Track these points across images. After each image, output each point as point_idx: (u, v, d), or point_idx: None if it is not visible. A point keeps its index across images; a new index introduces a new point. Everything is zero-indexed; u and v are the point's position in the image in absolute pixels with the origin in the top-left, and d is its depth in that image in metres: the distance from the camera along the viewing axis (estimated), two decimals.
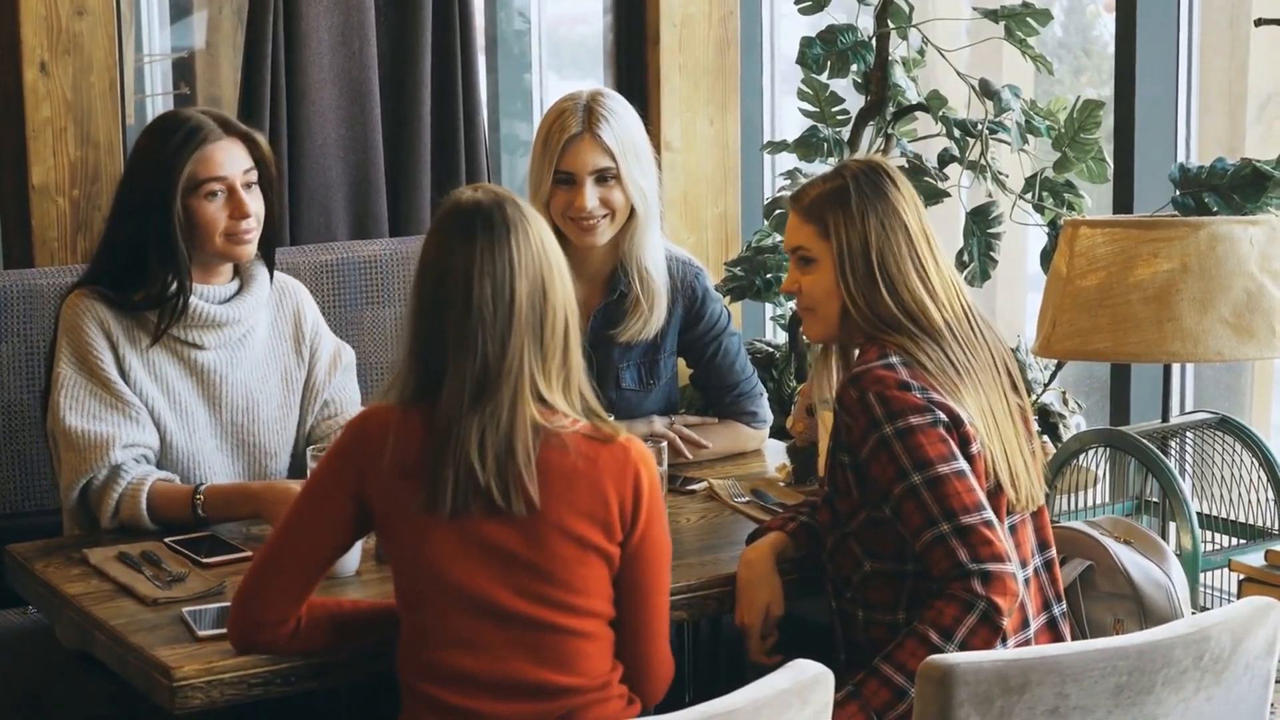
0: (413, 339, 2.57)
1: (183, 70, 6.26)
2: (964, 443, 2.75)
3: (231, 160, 3.20)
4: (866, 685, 2.67)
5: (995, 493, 2.79)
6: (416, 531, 2.53)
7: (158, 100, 6.42)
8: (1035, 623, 2.84)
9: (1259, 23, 3.76)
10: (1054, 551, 2.93)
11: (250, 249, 3.25)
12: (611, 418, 3.13)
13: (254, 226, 3.23)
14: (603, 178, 3.45)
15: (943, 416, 2.74)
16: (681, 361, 3.75)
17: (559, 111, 3.48)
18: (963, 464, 2.73)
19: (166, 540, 3.06)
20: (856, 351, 2.93)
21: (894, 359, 2.78)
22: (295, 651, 2.61)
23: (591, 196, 3.44)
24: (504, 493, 2.50)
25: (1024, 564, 2.84)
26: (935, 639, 2.63)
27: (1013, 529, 2.83)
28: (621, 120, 3.48)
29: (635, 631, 2.61)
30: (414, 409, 2.55)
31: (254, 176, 3.23)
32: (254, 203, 3.22)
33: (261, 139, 3.28)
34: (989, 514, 2.71)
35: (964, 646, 2.64)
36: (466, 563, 2.52)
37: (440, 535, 2.52)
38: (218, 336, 3.27)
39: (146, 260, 3.19)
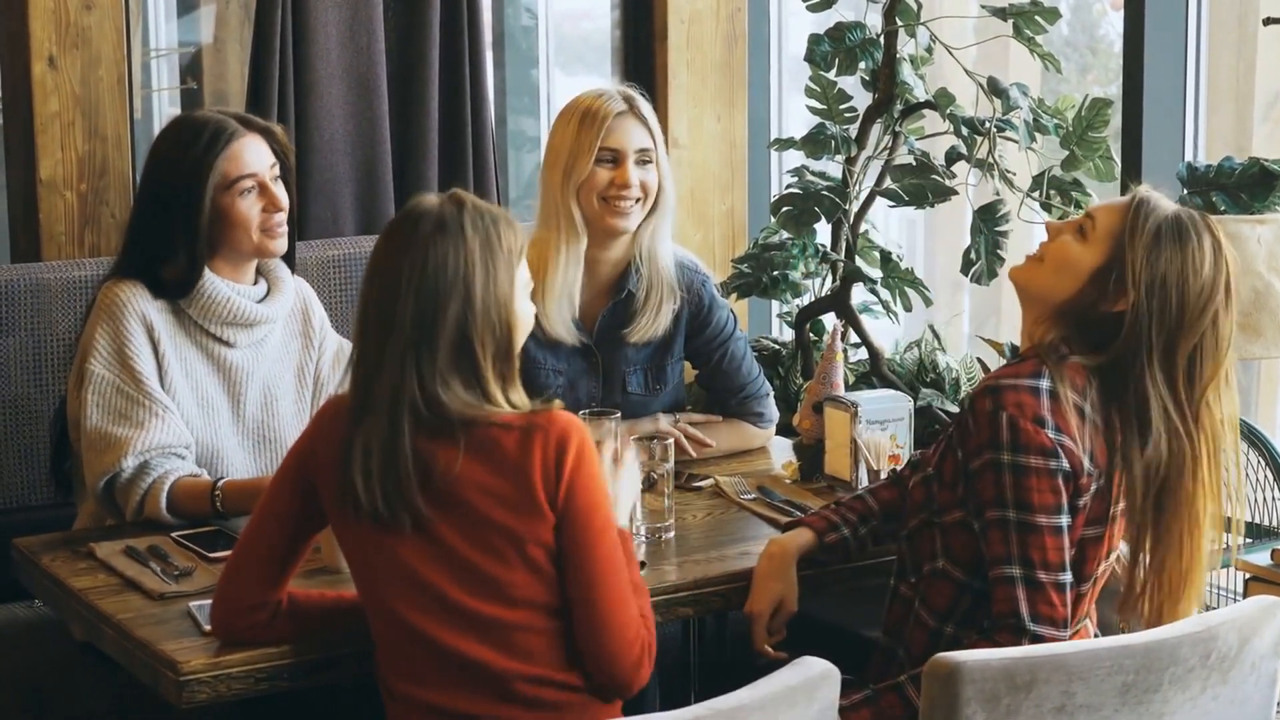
0: None
1: (190, 65, 6.25)
2: (1078, 494, 2.67)
3: (258, 156, 3.25)
4: (885, 697, 2.66)
5: (1101, 530, 2.70)
6: (356, 526, 2.56)
7: (164, 95, 6.42)
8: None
9: (1267, 22, 3.76)
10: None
11: (283, 244, 3.30)
12: (619, 415, 3.15)
13: (284, 219, 3.27)
14: (643, 159, 3.49)
15: (1065, 465, 2.64)
16: (687, 363, 3.75)
17: (591, 100, 3.50)
18: (1063, 520, 2.64)
19: (173, 535, 3.06)
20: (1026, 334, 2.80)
21: (1043, 384, 2.67)
22: (274, 640, 2.62)
23: (634, 174, 3.46)
24: (390, 509, 2.51)
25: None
26: None
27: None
28: (651, 108, 3.55)
29: (583, 606, 2.56)
30: None
31: (279, 170, 3.28)
32: (283, 195, 3.27)
33: (279, 130, 3.33)
34: (1066, 576, 2.64)
35: None
36: (417, 557, 2.53)
37: (377, 531, 2.54)
38: (248, 335, 3.30)
39: (175, 252, 3.22)
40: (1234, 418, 2.73)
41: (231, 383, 3.31)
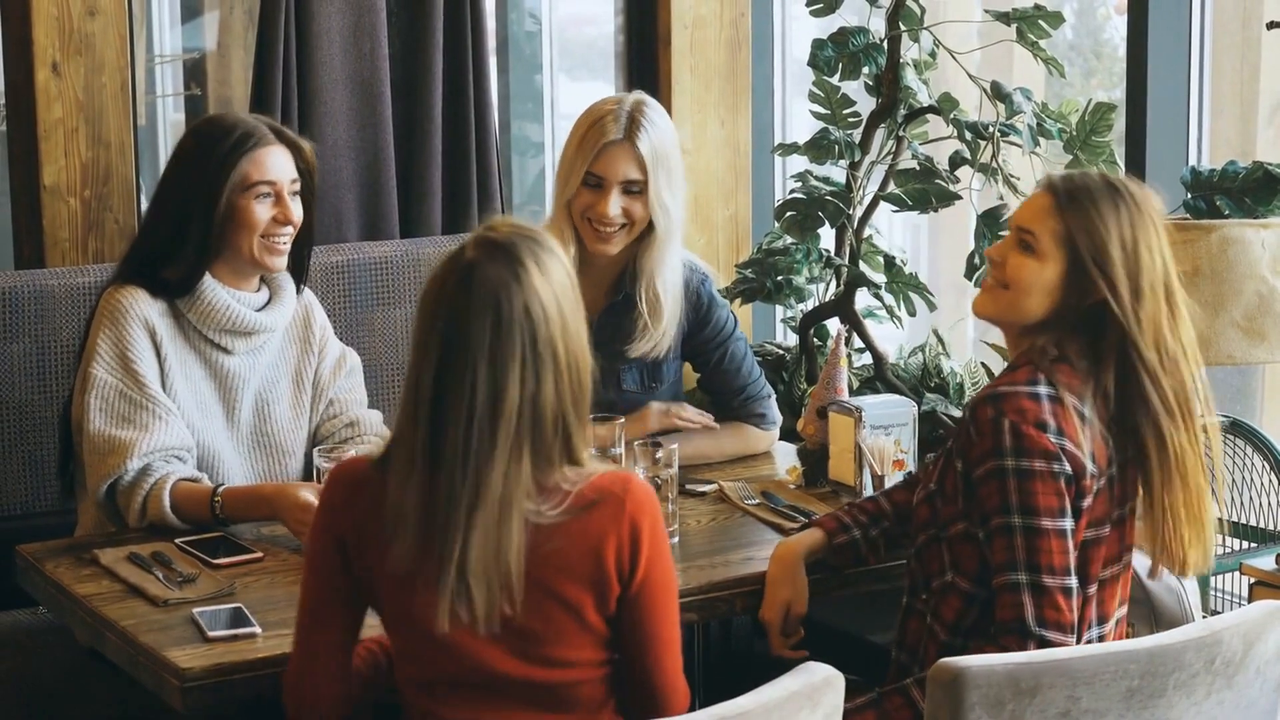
0: None
1: (194, 71, 6.26)
2: (1080, 495, 2.66)
3: (281, 166, 3.26)
4: (890, 700, 2.66)
5: (1102, 531, 2.70)
6: (413, 598, 2.44)
7: (169, 101, 6.43)
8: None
9: (1271, 26, 3.76)
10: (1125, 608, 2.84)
11: (282, 261, 3.29)
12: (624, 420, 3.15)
13: (290, 235, 3.28)
14: (630, 188, 3.46)
15: (1068, 469, 2.64)
16: (688, 365, 3.75)
17: (601, 113, 3.48)
18: (1067, 523, 2.64)
19: (177, 541, 3.06)
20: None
21: (1042, 390, 2.67)
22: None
23: (615, 204, 3.45)
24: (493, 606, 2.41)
25: (1103, 620, 2.77)
26: None
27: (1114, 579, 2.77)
28: (661, 133, 3.49)
29: (643, 671, 2.52)
30: None
31: (298, 186, 3.29)
32: (296, 210, 3.27)
33: (308, 147, 3.33)
34: (1071, 581, 2.63)
35: None
36: (469, 635, 2.42)
37: (436, 606, 2.41)
38: (246, 343, 3.31)
39: (183, 251, 3.23)
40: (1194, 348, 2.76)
41: (227, 389, 3.31)
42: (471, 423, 2.36)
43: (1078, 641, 2.69)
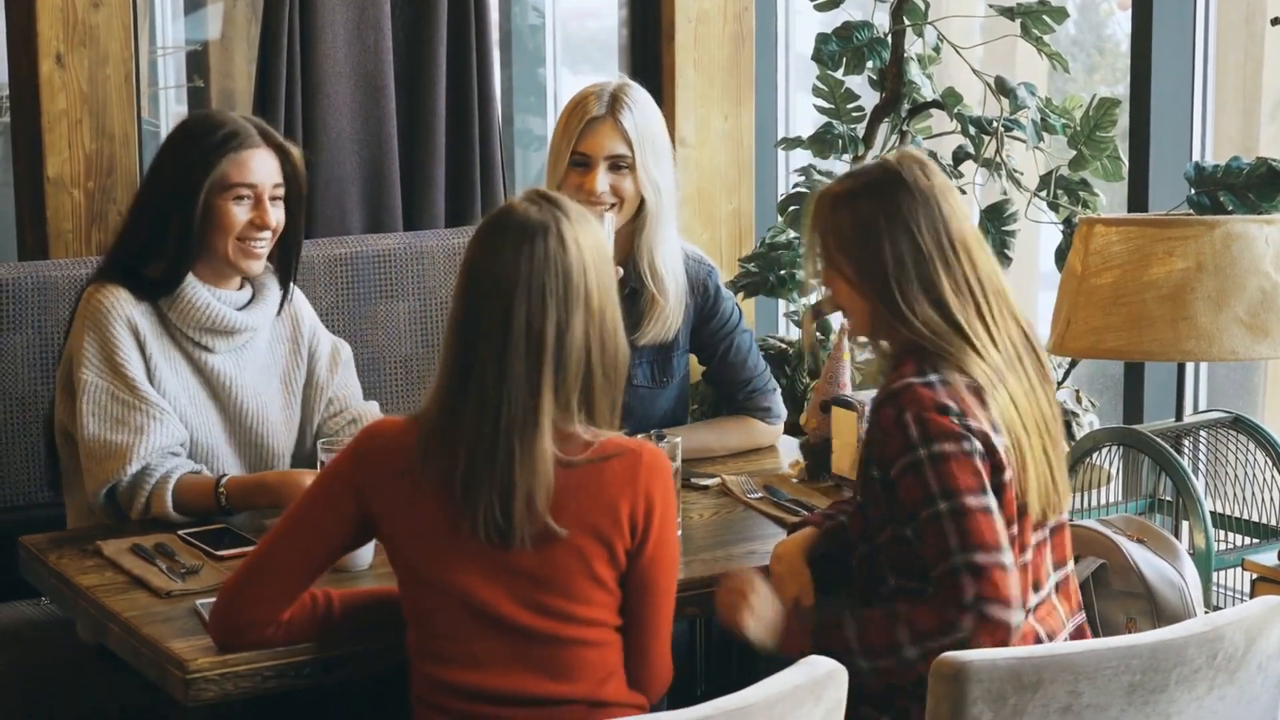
0: None
1: (197, 63, 6.26)
2: (996, 471, 2.67)
3: (264, 170, 3.22)
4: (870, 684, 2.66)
5: (1022, 513, 2.72)
6: (431, 549, 2.52)
7: (171, 93, 6.43)
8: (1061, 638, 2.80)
9: (1275, 22, 3.76)
10: (1070, 567, 2.86)
11: (258, 265, 3.25)
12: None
13: (268, 240, 3.24)
14: (616, 165, 3.48)
15: (978, 446, 2.65)
16: (693, 358, 3.75)
17: (583, 96, 3.51)
18: (991, 500, 2.64)
19: (180, 533, 3.06)
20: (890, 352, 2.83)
21: (933, 377, 2.69)
22: (281, 644, 2.61)
23: (603, 180, 3.46)
24: (512, 525, 2.50)
25: (1038, 587, 2.79)
26: (902, 636, 2.60)
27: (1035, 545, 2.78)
28: (644, 111, 3.52)
29: (638, 631, 2.59)
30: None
31: (281, 191, 3.24)
32: (275, 215, 3.23)
33: (296, 152, 3.29)
34: (1006, 557, 2.61)
35: (923, 656, 2.57)
36: (480, 580, 2.50)
37: (457, 554, 2.51)
38: (228, 342, 3.28)
39: (164, 248, 3.21)
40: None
41: (215, 387, 3.28)
42: (505, 348, 2.47)
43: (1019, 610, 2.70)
